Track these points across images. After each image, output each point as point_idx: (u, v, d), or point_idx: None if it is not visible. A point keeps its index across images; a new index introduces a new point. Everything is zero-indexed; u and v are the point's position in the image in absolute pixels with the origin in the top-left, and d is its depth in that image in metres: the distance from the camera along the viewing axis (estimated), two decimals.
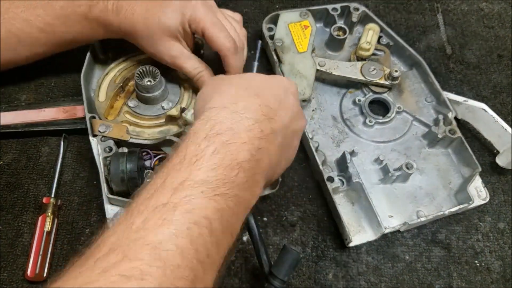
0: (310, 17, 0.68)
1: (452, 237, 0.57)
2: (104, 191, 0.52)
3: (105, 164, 0.53)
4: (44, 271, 0.51)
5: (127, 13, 0.53)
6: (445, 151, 0.63)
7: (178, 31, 0.53)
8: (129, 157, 0.51)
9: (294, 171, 0.61)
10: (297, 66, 0.64)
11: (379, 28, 0.68)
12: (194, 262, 0.31)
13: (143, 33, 0.53)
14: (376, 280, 0.54)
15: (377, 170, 0.61)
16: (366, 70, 0.65)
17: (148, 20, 0.52)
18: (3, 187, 0.56)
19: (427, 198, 0.59)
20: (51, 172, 0.58)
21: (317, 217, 0.58)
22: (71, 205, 0.56)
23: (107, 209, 0.52)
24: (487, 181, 0.62)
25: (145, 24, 0.52)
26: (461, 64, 0.72)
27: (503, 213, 0.59)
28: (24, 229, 0.54)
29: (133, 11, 0.53)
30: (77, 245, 0.53)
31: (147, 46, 0.55)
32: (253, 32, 0.73)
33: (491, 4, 0.80)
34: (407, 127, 0.64)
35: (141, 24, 0.53)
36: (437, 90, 0.64)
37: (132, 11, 0.53)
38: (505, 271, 0.55)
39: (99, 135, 0.54)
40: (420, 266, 0.55)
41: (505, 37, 0.76)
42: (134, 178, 0.50)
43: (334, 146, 0.62)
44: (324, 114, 0.65)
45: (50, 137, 0.60)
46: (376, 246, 0.56)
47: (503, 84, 0.71)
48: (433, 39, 0.75)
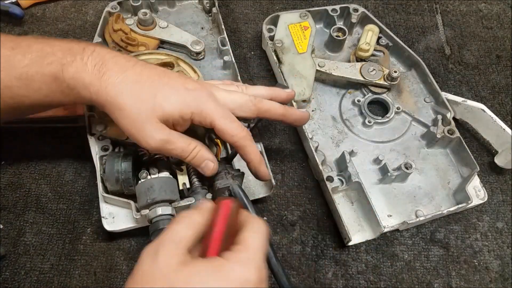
0: (309, 18, 0.69)
1: (450, 237, 0.58)
2: (100, 190, 0.52)
3: (101, 163, 0.53)
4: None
5: (113, 78, 0.42)
6: (444, 151, 0.63)
7: (173, 119, 0.44)
8: (124, 158, 0.51)
9: (294, 171, 0.61)
10: (297, 66, 0.65)
11: (378, 29, 0.69)
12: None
13: (127, 108, 0.42)
14: (376, 279, 0.54)
15: (376, 170, 0.61)
16: (365, 71, 0.65)
17: (138, 95, 0.42)
18: (5, 187, 0.57)
19: (426, 198, 0.59)
20: (52, 172, 0.58)
21: (317, 216, 0.58)
22: (72, 205, 0.56)
23: (102, 208, 0.53)
24: (485, 181, 0.62)
25: (133, 99, 0.42)
26: (460, 65, 0.73)
27: (501, 213, 0.60)
28: (26, 229, 0.54)
29: (122, 78, 0.42)
30: (79, 244, 0.54)
31: (127, 125, 0.43)
32: (253, 32, 0.74)
33: (490, 5, 0.80)
34: (406, 127, 0.65)
35: (128, 98, 0.42)
36: (436, 91, 0.65)
37: (121, 78, 0.42)
38: (504, 270, 0.56)
39: (97, 134, 0.55)
40: (419, 265, 0.55)
41: (504, 38, 0.76)
42: (128, 179, 0.50)
43: (334, 146, 0.63)
44: (324, 114, 0.65)
45: (51, 136, 0.60)
46: (375, 245, 0.57)
47: (502, 85, 0.71)
48: (432, 40, 0.75)
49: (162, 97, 0.43)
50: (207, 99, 0.45)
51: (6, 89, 0.42)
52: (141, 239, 0.54)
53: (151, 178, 0.49)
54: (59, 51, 0.43)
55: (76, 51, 0.43)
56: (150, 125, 0.43)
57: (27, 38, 0.44)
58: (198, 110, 0.44)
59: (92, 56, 0.43)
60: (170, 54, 0.63)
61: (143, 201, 0.48)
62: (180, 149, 0.45)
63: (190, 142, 0.46)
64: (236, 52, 0.71)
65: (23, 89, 0.42)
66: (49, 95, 0.43)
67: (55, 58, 0.42)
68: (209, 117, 0.44)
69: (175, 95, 0.43)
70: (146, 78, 0.43)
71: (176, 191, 0.50)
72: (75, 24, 0.72)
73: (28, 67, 0.42)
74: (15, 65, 0.42)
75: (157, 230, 0.46)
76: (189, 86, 0.45)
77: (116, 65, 0.43)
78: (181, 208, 0.50)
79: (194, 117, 0.44)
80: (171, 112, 0.43)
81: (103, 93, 0.42)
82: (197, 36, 0.68)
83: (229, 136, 0.45)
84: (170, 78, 0.45)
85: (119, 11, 0.68)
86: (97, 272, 0.52)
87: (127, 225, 0.52)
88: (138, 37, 0.65)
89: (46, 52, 0.42)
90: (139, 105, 0.42)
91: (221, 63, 0.67)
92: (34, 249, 0.53)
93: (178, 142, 0.45)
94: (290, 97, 0.54)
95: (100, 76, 0.42)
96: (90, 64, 0.42)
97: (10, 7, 0.70)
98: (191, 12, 0.73)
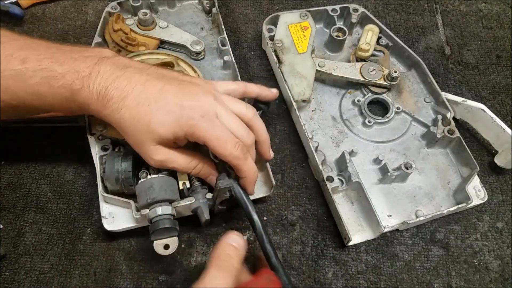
0: (309, 18, 0.69)
1: (450, 237, 0.58)
2: (100, 189, 0.52)
3: (101, 163, 0.53)
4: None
5: (114, 107, 0.45)
6: (444, 151, 0.63)
7: (167, 140, 0.46)
8: (124, 157, 0.51)
9: (294, 171, 0.61)
10: (297, 66, 0.65)
11: (378, 29, 0.69)
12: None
13: (128, 132, 0.46)
14: (376, 279, 0.54)
15: (376, 170, 0.61)
16: (365, 71, 0.65)
17: (136, 121, 0.45)
18: (5, 187, 0.57)
19: (426, 198, 0.59)
20: (52, 172, 0.58)
21: (317, 216, 0.58)
22: (72, 205, 0.56)
23: (102, 208, 0.53)
24: (485, 181, 0.62)
25: (132, 124, 0.45)
26: (460, 65, 0.73)
27: (501, 213, 0.60)
28: (26, 229, 0.54)
29: (122, 106, 0.45)
30: (79, 244, 0.54)
31: (133, 145, 0.48)
32: (253, 32, 0.74)
33: (490, 5, 0.80)
34: (406, 127, 0.65)
35: (128, 122, 0.45)
36: (436, 91, 0.65)
37: (121, 106, 0.45)
38: (504, 270, 0.56)
39: (97, 134, 0.55)
40: (419, 265, 0.55)
41: (503, 38, 0.76)
42: (128, 178, 0.50)
43: (334, 146, 0.63)
44: (324, 114, 0.65)
45: (51, 136, 0.60)
46: (375, 245, 0.57)
47: (502, 85, 0.71)
48: (432, 40, 0.75)
49: (156, 122, 0.45)
50: (200, 119, 0.45)
51: (19, 101, 0.45)
52: (141, 239, 0.54)
53: (151, 177, 0.49)
54: (68, 73, 0.44)
55: (83, 75, 0.44)
56: (148, 146, 0.46)
57: (37, 48, 0.45)
58: (190, 132, 0.45)
59: (97, 82, 0.45)
60: (170, 54, 0.63)
61: (143, 200, 0.48)
62: (181, 167, 0.48)
63: (191, 160, 0.49)
64: (236, 52, 0.71)
65: (35, 101, 0.45)
66: (61, 109, 0.47)
67: (65, 82, 0.44)
68: (201, 138, 0.45)
69: (169, 118, 0.45)
70: (144, 102, 0.45)
71: (176, 191, 0.50)
72: (75, 24, 0.72)
73: (39, 85, 0.44)
74: (25, 81, 0.44)
75: (157, 229, 0.46)
76: (185, 103, 0.45)
77: (117, 91, 0.45)
78: (181, 207, 0.50)
79: (187, 137, 0.46)
80: (166, 135, 0.45)
81: (109, 118, 0.46)
82: (197, 36, 0.68)
83: (222, 156, 0.46)
84: (167, 99, 0.45)
85: (119, 11, 0.68)
86: (97, 272, 0.52)
87: (127, 225, 0.52)
88: (138, 37, 0.65)
89: (56, 74, 0.44)
90: (137, 130, 0.45)
91: (221, 63, 0.67)
92: (34, 249, 0.53)
93: (178, 161, 0.48)
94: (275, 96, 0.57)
95: (104, 103, 0.45)
96: (95, 92, 0.45)
97: (10, 7, 0.70)
98: (191, 13, 0.73)
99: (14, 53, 0.44)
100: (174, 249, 0.47)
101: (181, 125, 0.45)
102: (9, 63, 0.43)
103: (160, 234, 0.47)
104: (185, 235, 0.55)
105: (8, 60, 0.43)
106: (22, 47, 0.44)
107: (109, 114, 0.45)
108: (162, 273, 0.53)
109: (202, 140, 0.45)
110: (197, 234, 0.56)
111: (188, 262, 0.54)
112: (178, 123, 0.45)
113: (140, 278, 0.52)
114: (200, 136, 0.45)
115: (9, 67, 0.43)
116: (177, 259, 0.54)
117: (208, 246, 0.55)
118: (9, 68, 0.43)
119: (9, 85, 0.44)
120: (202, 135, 0.45)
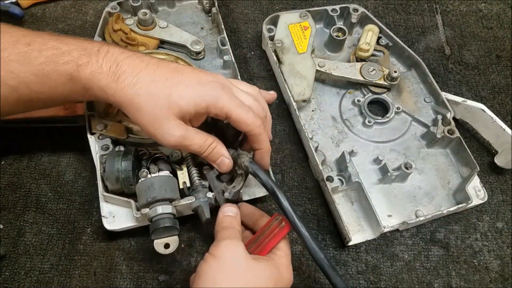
0: (309, 18, 0.69)
1: (450, 237, 0.58)
2: (100, 189, 0.52)
3: (101, 162, 0.53)
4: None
5: (128, 81, 0.43)
6: (444, 151, 0.63)
7: (189, 114, 0.45)
8: (125, 156, 0.51)
9: (294, 171, 0.61)
10: (297, 66, 0.65)
11: (378, 29, 0.69)
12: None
13: (144, 108, 0.44)
14: (376, 279, 0.54)
15: (376, 170, 0.61)
16: (365, 71, 0.65)
17: (154, 95, 0.43)
18: (5, 187, 0.57)
19: (426, 198, 0.59)
20: (52, 172, 0.58)
21: (317, 216, 0.58)
22: (72, 205, 0.56)
23: (102, 207, 0.53)
24: (485, 181, 0.62)
25: (150, 98, 0.43)
26: (460, 65, 0.73)
27: (501, 213, 0.60)
28: (26, 229, 0.54)
29: (137, 79, 0.43)
30: (79, 244, 0.54)
31: (146, 124, 0.45)
32: (253, 32, 0.74)
33: (490, 5, 0.80)
34: (406, 127, 0.65)
35: (144, 98, 0.43)
36: (436, 91, 0.65)
37: (136, 79, 0.43)
38: (504, 270, 0.56)
39: (97, 133, 0.55)
40: (419, 265, 0.55)
41: (503, 38, 0.76)
42: (128, 177, 0.51)
43: (334, 146, 0.63)
44: (324, 114, 0.65)
45: (51, 136, 0.60)
46: (375, 245, 0.57)
47: (502, 85, 0.71)
48: (432, 40, 0.75)
49: (176, 95, 0.44)
50: (221, 90, 0.45)
51: (23, 84, 0.43)
52: (141, 239, 0.54)
53: (151, 176, 0.49)
54: (74, 50, 0.44)
55: (91, 51, 0.44)
56: (168, 122, 0.44)
57: (41, 34, 0.45)
58: (213, 101, 0.45)
59: (107, 58, 0.44)
60: (170, 54, 0.63)
61: (143, 199, 0.48)
62: (197, 145, 0.46)
63: (207, 138, 0.47)
64: (236, 52, 0.71)
65: (39, 85, 0.44)
66: (65, 92, 0.45)
67: (71, 58, 0.43)
68: (225, 107, 0.45)
69: (189, 91, 0.44)
70: (160, 78, 0.44)
71: (176, 190, 0.50)
72: (75, 24, 0.72)
73: (44, 64, 0.43)
74: (31, 62, 0.43)
75: (157, 228, 0.46)
76: (202, 79, 0.46)
77: (130, 66, 0.44)
78: (182, 206, 0.50)
79: (210, 109, 0.45)
80: (187, 107, 0.44)
81: (120, 95, 0.43)
82: (197, 36, 0.68)
83: (245, 125, 0.46)
84: (183, 75, 0.45)
85: (119, 11, 0.68)
86: (97, 272, 0.52)
87: (127, 224, 0.52)
88: (138, 37, 0.65)
89: (62, 51, 0.43)
90: (155, 104, 0.44)
91: (221, 62, 0.67)
92: (34, 249, 0.53)
93: (195, 138, 0.46)
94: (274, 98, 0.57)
95: (116, 78, 0.43)
96: (105, 66, 0.43)
97: (10, 7, 0.70)
98: (191, 12, 0.73)
99: (20, 39, 0.43)
100: (174, 248, 0.47)
101: (203, 97, 0.44)
102: (14, 47, 0.43)
103: (160, 233, 0.47)
104: (185, 235, 0.55)
105: (13, 45, 0.43)
106: (27, 34, 0.45)
107: (121, 89, 0.43)
108: (162, 273, 0.53)
109: (226, 109, 0.45)
110: (197, 234, 0.56)
111: (188, 262, 0.54)
112: (200, 95, 0.44)
113: (140, 278, 0.52)
114: (224, 105, 0.45)
115: (14, 51, 0.43)
116: (177, 259, 0.54)
117: (208, 246, 0.55)
118: (14, 52, 0.43)
119: (14, 69, 0.43)
120: (226, 104, 0.45)
